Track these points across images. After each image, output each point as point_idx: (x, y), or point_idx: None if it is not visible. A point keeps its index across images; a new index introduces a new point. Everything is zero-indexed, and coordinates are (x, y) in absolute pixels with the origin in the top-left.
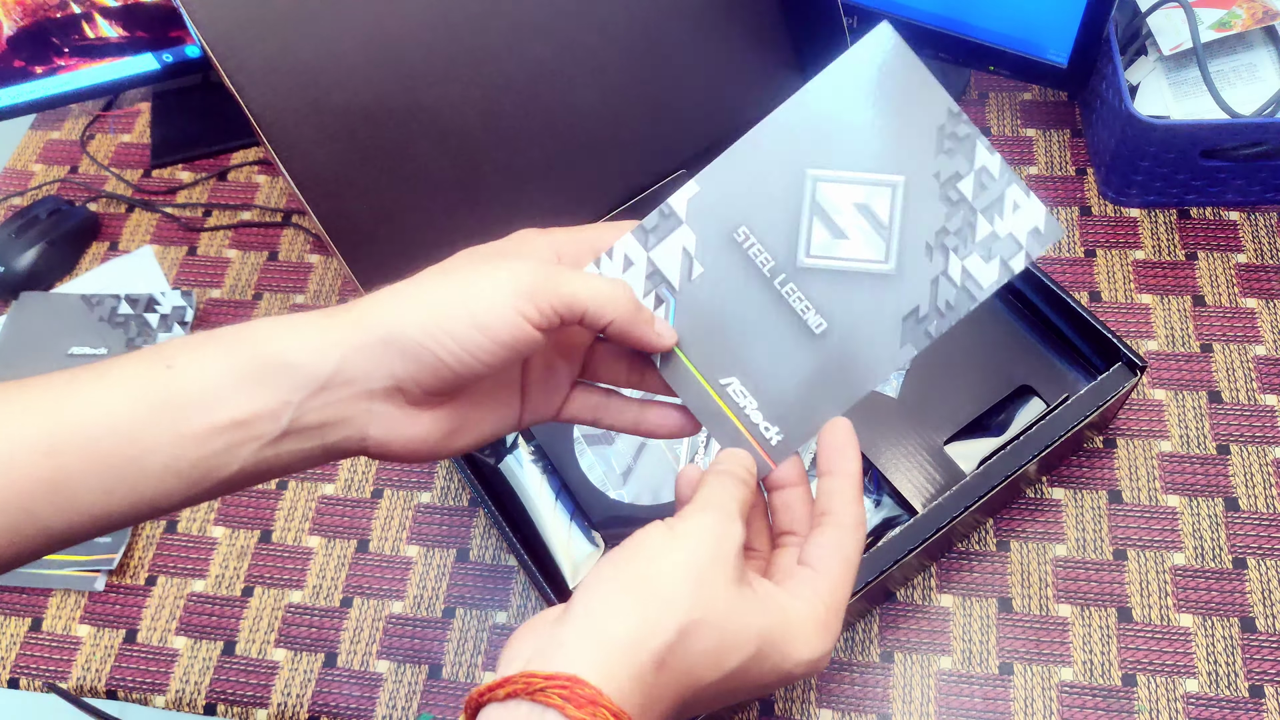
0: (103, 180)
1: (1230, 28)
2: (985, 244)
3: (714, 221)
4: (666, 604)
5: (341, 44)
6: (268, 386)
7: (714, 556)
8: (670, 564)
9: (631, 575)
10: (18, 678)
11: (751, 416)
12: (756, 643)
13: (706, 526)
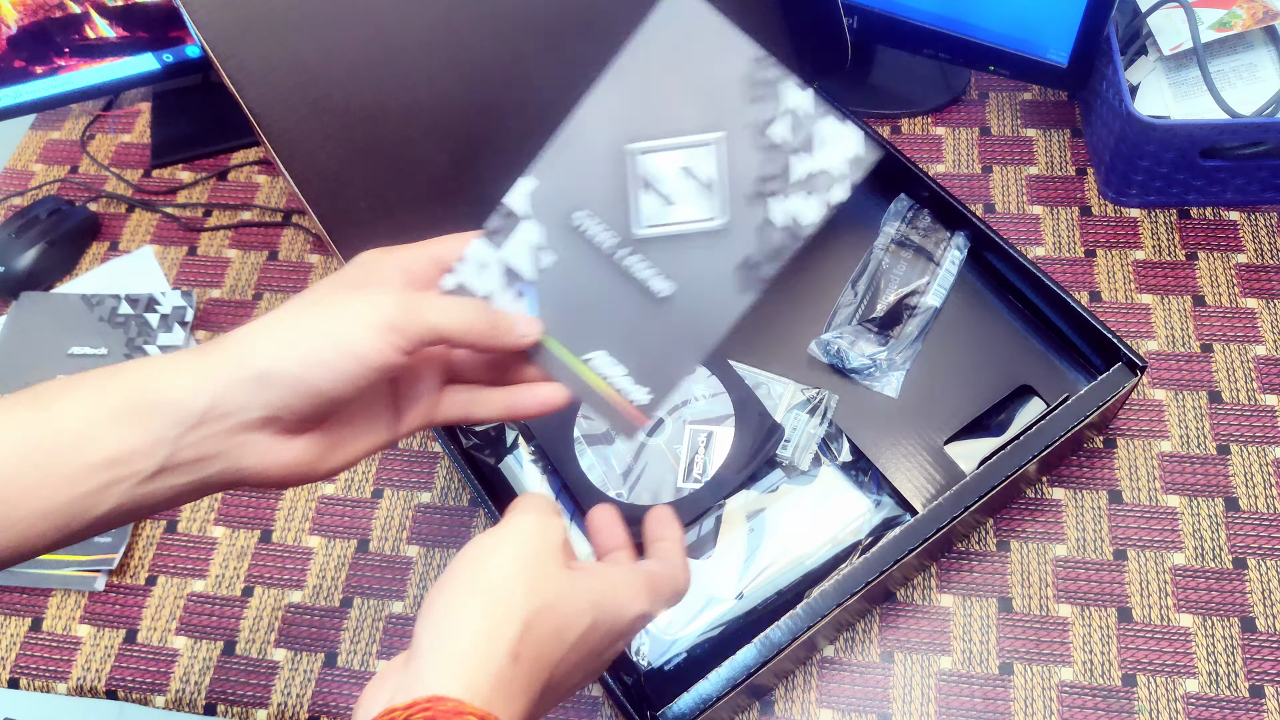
0: (103, 180)
1: (1230, 28)
2: (803, 183)
3: (554, 210)
4: (506, 602)
5: (341, 44)
6: (141, 424)
7: (539, 548)
8: (500, 564)
9: (467, 586)
10: (18, 678)
11: (620, 383)
12: (591, 612)
13: (528, 523)
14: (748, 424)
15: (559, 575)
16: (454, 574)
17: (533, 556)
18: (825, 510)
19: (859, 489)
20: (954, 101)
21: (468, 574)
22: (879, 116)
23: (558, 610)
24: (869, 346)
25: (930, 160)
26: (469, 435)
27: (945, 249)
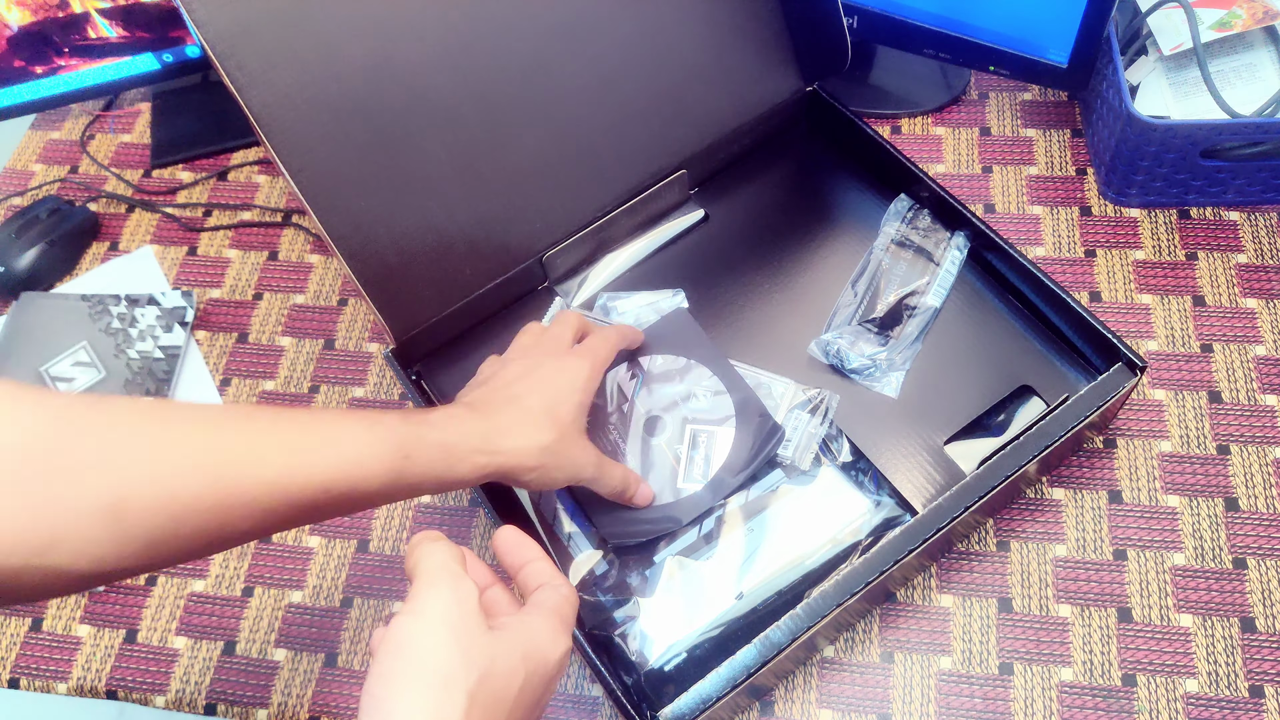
0: (103, 180)
1: (1230, 28)
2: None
3: None
4: (447, 680)
5: (341, 43)
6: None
7: (462, 616)
8: (431, 643)
9: (404, 673)
10: (18, 678)
11: None
12: (523, 666)
13: (443, 596)
14: (749, 424)
15: (486, 640)
16: (388, 663)
17: (459, 627)
18: (825, 510)
19: (859, 489)
20: (954, 101)
21: (401, 661)
22: (879, 116)
23: (494, 674)
24: (869, 347)
25: (930, 160)
26: None
27: (945, 249)
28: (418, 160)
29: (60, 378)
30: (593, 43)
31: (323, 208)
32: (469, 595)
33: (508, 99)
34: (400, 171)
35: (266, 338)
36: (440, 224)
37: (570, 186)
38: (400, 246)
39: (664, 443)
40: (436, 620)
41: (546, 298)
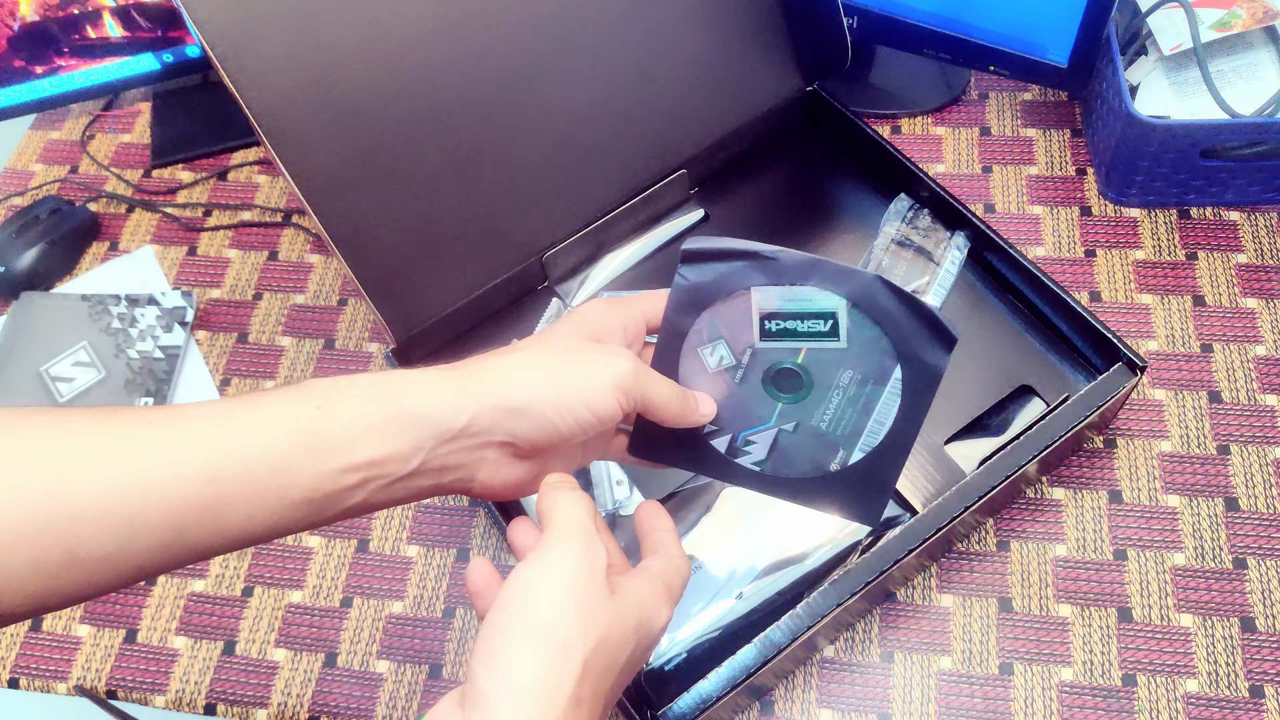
0: (103, 180)
1: (1230, 28)
2: None
3: None
4: (565, 646)
5: (342, 44)
6: (405, 433)
7: (588, 581)
8: (554, 603)
9: (523, 628)
10: (18, 678)
11: None
12: (635, 634)
13: (574, 554)
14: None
15: (607, 606)
16: (507, 614)
17: (585, 590)
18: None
19: None
20: (954, 101)
21: (522, 614)
22: (879, 116)
23: (610, 642)
24: None
25: (930, 160)
26: None
27: (945, 249)
28: (418, 160)
29: (60, 378)
30: (593, 43)
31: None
32: (599, 558)
33: (508, 99)
34: (400, 171)
35: (266, 338)
36: (440, 224)
37: (570, 186)
38: (400, 246)
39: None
40: (564, 579)
41: (546, 298)
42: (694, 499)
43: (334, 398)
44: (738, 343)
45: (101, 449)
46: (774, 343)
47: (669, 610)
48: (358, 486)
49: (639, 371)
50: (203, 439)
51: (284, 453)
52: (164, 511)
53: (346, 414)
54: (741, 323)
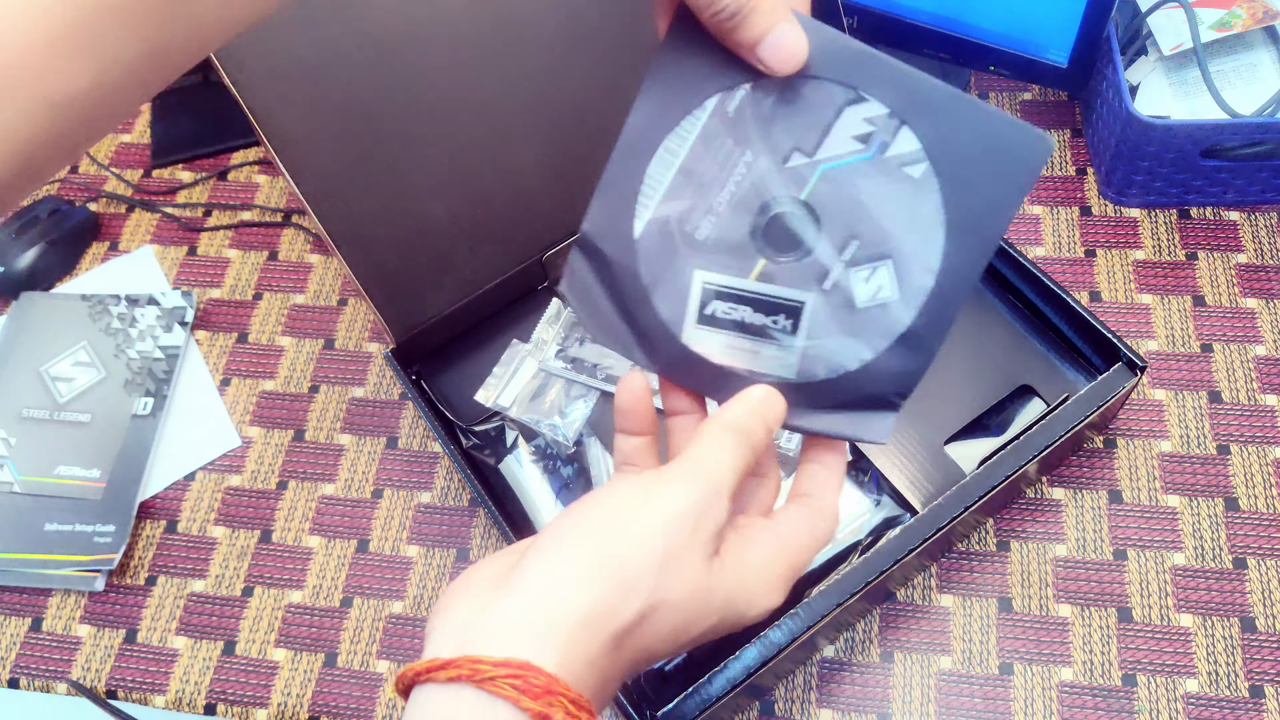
0: (103, 180)
1: (1230, 28)
2: None
3: None
4: (629, 588)
5: (341, 44)
6: None
7: (691, 537)
8: (638, 542)
9: (591, 548)
10: (18, 678)
11: None
12: (719, 613)
13: (691, 501)
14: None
15: (699, 572)
16: (588, 521)
17: (681, 543)
18: None
19: (859, 489)
20: None
21: (601, 532)
22: None
23: (682, 609)
24: None
25: None
26: (469, 435)
27: None
28: (418, 160)
29: (60, 377)
30: (593, 43)
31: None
32: (713, 517)
33: (508, 99)
34: (400, 171)
35: (266, 338)
36: (440, 224)
37: (570, 187)
38: (400, 246)
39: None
40: (663, 517)
41: (546, 298)
42: None
43: None
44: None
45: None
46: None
47: (779, 596)
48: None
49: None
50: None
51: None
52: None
53: None
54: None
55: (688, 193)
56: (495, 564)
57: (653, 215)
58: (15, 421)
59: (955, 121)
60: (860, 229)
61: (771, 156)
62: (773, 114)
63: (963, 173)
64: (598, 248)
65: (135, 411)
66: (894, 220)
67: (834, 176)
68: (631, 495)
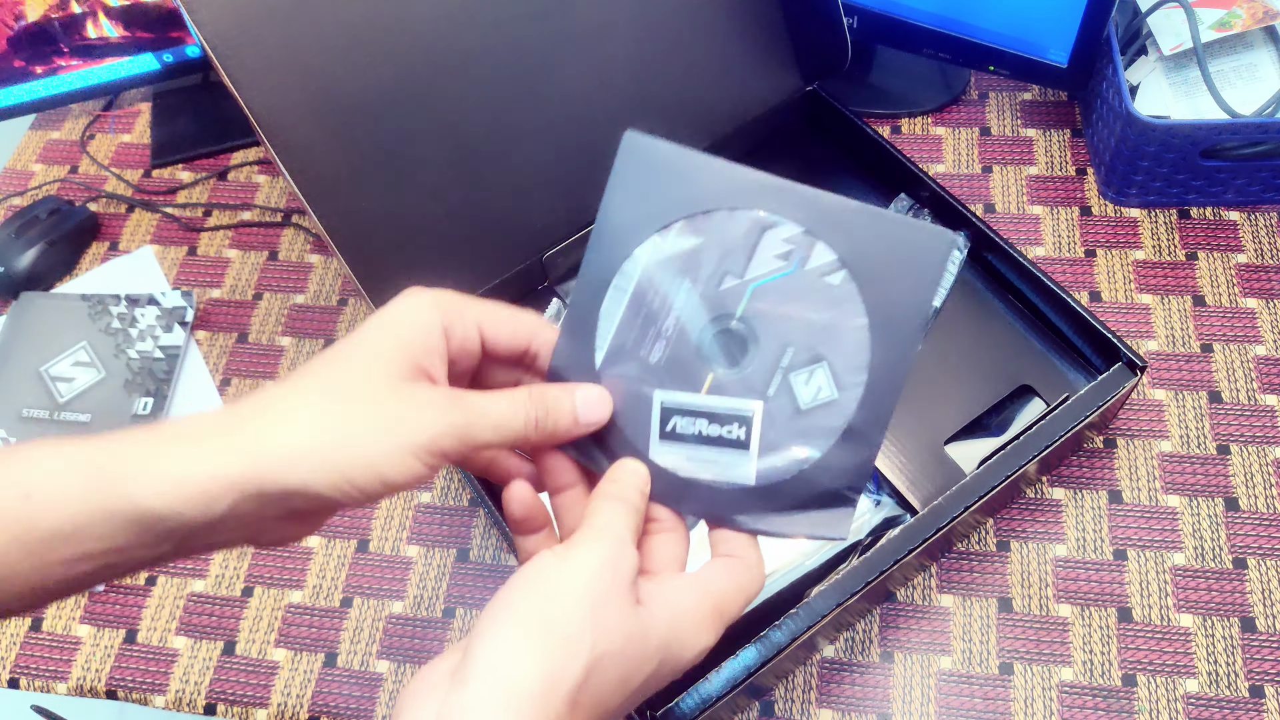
0: (103, 180)
1: (1230, 28)
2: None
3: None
4: (570, 644)
5: (342, 44)
6: (146, 530)
7: (611, 585)
8: (568, 600)
9: (531, 617)
10: (18, 678)
11: None
12: (658, 655)
13: (602, 555)
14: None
15: (626, 618)
16: (518, 597)
17: (603, 592)
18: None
19: None
20: (954, 101)
21: (532, 602)
22: (879, 116)
23: (624, 656)
24: None
25: (930, 160)
26: None
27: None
28: (418, 160)
29: (60, 378)
30: (593, 43)
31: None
32: (628, 565)
33: (508, 99)
34: (401, 172)
35: (266, 338)
36: (440, 224)
37: (570, 186)
38: (400, 246)
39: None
40: (584, 577)
41: (546, 298)
42: None
43: (46, 484)
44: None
45: None
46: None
47: (712, 635)
48: (100, 570)
49: (458, 420)
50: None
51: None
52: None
53: (64, 504)
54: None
55: (637, 323)
56: (446, 661)
57: (610, 346)
58: (15, 421)
59: (864, 231)
60: (793, 336)
61: (707, 282)
62: (703, 245)
63: (877, 276)
64: (565, 380)
65: (135, 412)
66: (822, 325)
67: (764, 292)
68: (550, 566)
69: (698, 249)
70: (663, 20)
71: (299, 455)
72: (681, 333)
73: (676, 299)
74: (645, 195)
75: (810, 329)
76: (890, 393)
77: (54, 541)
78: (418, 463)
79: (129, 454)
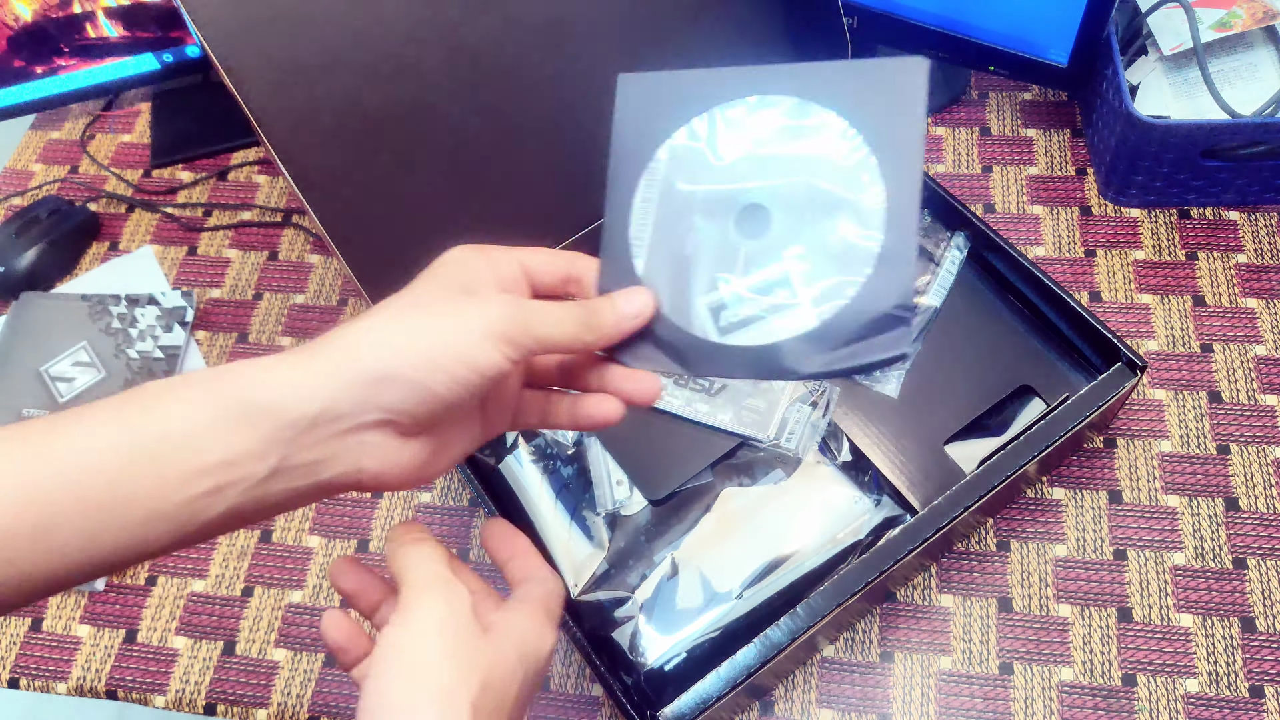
0: (103, 180)
1: (1230, 28)
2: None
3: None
4: (450, 696)
5: (342, 44)
6: (253, 427)
7: (457, 628)
8: (429, 659)
9: (403, 691)
10: (18, 678)
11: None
12: (520, 666)
13: (437, 605)
14: (881, 283)
15: (484, 646)
16: (385, 680)
17: (455, 637)
18: (826, 510)
19: (859, 489)
20: (954, 101)
21: (399, 677)
22: None
23: (495, 680)
24: None
25: (930, 160)
26: None
27: (945, 249)
28: (418, 161)
29: (60, 377)
30: (593, 42)
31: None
32: (463, 601)
33: (508, 99)
34: (400, 172)
35: (266, 338)
36: (441, 224)
37: (570, 186)
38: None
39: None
40: (432, 632)
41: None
42: (694, 499)
43: (165, 398)
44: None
45: None
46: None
47: (552, 634)
48: (213, 493)
49: (519, 311)
50: (16, 458)
51: (110, 463)
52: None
53: (182, 413)
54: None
55: (666, 225)
56: None
57: (647, 254)
58: (15, 421)
59: (849, 82)
60: (813, 194)
61: (722, 169)
62: (712, 140)
63: (872, 116)
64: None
65: None
66: (835, 178)
67: (775, 162)
68: (399, 639)
69: (708, 145)
70: (662, 20)
71: (384, 344)
72: (707, 220)
73: (696, 193)
74: (650, 117)
75: (825, 182)
76: (909, 211)
77: (171, 455)
78: (494, 349)
79: (237, 366)
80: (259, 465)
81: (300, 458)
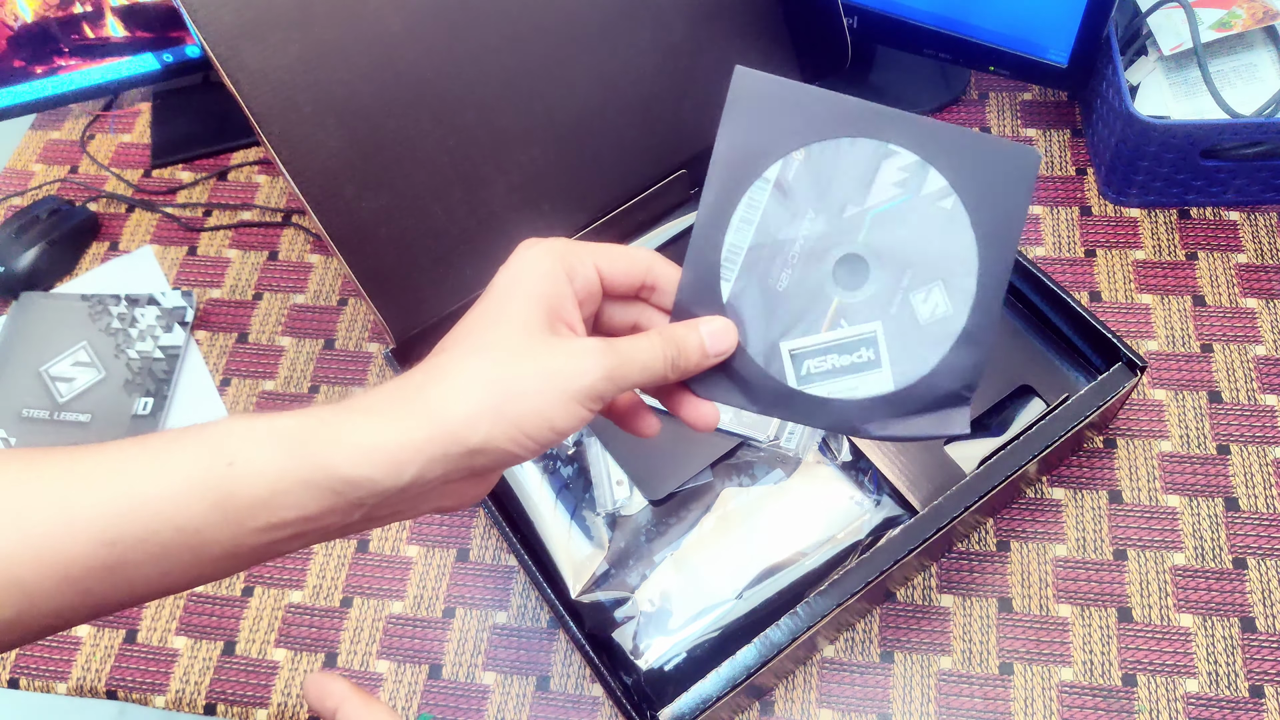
0: (103, 180)
1: (1230, 28)
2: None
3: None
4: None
5: (342, 44)
6: (338, 495)
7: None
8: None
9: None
10: (18, 678)
11: None
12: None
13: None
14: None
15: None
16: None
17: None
18: (826, 510)
19: (859, 489)
20: (954, 101)
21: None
22: None
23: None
24: None
25: None
26: None
27: None
28: (418, 160)
29: (60, 378)
30: (594, 43)
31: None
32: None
33: (508, 99)
34: (400, 171)
35: (266, 338)
36: (440, 224)
37: (571, 186)
38: (400, 246)
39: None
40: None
41: None
42: (694, 499)
43: (247, 452)
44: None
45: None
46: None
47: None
48: (290, 539)
49: (611, 366)
50: (97, 495)
51: (194, 514)
52: (61, 576)
53: (265, 472)
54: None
55: (763, 253)
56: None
57: (737, 278)
58: (15, 421)
59: (966, 154)
60: (912, 258)
61: (829, 210)
62: (826, 174)
63: (980, 194)
64: (691, 314)
65: (135, 412)
66: (937, 247)
67: (883, 219)
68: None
69: (820, 177)
70: (662, 21)
71: (477, 415)
72: (806, 260)
73: (801, 227)
74: (762, 128)
75: (927, 251)
76: (996, 296)
77: (253, 509)
78: (581, 408)
79: (323, 427)
80: (341, 518)
81: (381, 511)
